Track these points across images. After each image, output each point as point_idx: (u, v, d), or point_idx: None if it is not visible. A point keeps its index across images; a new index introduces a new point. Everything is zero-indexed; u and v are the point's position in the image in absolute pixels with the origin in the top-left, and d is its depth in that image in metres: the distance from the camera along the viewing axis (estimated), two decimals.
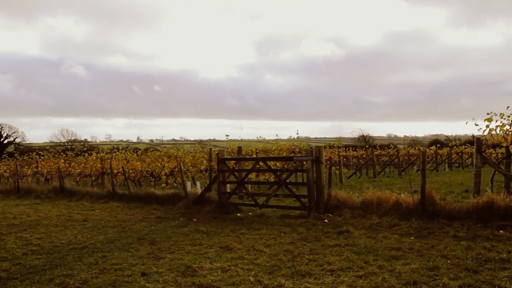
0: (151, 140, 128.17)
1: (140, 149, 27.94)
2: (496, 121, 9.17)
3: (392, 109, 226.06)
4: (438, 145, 35.67)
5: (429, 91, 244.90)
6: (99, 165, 19.46)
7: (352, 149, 36.42)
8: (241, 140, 19.27)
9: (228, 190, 11.28)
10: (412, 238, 6.80)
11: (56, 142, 71.49)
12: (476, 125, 9.32)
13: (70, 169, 20.83)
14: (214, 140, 20.18)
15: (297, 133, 17.84)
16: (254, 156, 16.39)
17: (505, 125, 9.11)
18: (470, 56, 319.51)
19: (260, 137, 19.12)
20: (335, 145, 22.92)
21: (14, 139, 67.30)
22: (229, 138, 18.08)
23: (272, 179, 14.48)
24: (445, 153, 32.84)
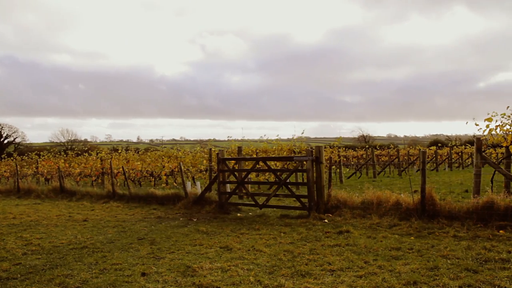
0: (151, 140, 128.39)
1: (140, 149, 27.95)
2: (496, 121, 9.18)
3: (365, 109, 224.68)
4: (440, 144, 35.68)
5: (396, 90, 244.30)
6: (99, 165, 19.45)
7: (351, 149, 36.44)
8: (242, 140, 19.27)
9: (228, 190, 11.28)
10: (412, 238, 6.80)
11: (56, 142, 71.55)
12: (476, 125, 9.33)
13: (70, 169, 20.82)
14: (215, 140, 20.18)
15: (302, 132, 17.83)
16: (254, 156, 16.40)
17: (505, 125, 9.11)
18: (424, 55, 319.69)
19: (262, 137, 19.13)
20: (335, 145, 22.90)
21: (14, 139, 67.36)
22: (230, 138, 18.12)
23: (272, 179, 14.49)
24: (445, 153, 32.86)
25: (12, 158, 28.18)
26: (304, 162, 9.71)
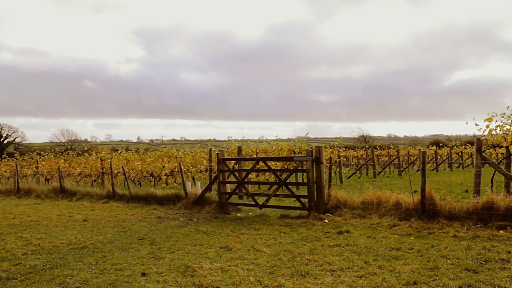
0: (151, 140, 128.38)
1: (140, 149, 27.94)
2: (496, 121, 9.18)
3: (341, 109, 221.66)
4: (440, 144, 35.69)
5: (365, 89, 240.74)
6: (99, 165, 19.44)
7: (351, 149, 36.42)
8: (242, 140, 19.28)
9: (228, 190, 11.28)
10: (412, 238, 6.80)
11: (56, 142, 71.60)
12: (476, 125, 9.32)
13: (70, 169, 20.82)
14: (215, 140, 20.18)
15: (307, 133, 17.80)
16: (254, 156, 16.41)
17: (505, 125, 9.11)
18: (375, 53, 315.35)
19: (262, 137, 19.14)
20: (335, 145, 22.91)
21: (14, 139, 67.39)
22: (231, 138, 18.12)
23: (272, 179, 14.49)
24: (445, 153, 32.87)
25: (13, 158, 28.18)
26: (304, 162, 9.71)
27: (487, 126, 9.19)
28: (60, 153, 25.66)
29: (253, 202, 10.36)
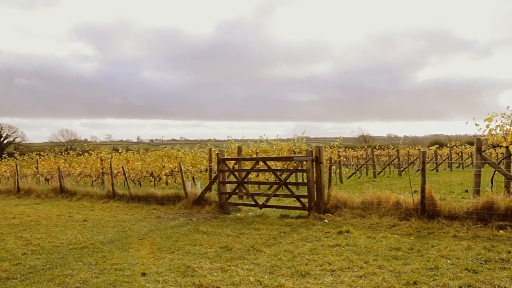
0: (151, 140, 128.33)
1: (140, 149, 27.92)
2: (496, 121, 9.18)
3: (318, 108, 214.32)
4: (439, 145, 35.72)
5: (337, 88, 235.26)
6: (99, 165, 19.44)
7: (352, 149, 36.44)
8: (242, 140, 19.28)
9: (228, 190, 11.28)
10: (412, 238, 6.80)
11: (56, 142, 71.60)
12: (476, 125, 9.32)
13: (70, 169, 20.81)
14: (215, 140, 20.15)
15: (303, 132, 17.80)
16: (254, 156, 16.40)
17: (505, 125, 9.11)
18: (333, 51, 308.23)
19: (262, 137, 19.13)
20: (335, 145, 22.91)
21: (14, 139, 67.40)
22: (230, 138, 18.11)
23: (272, 179, 14.49)
24: (445, 153, 32.87)
25: (13, 158, 28.17)
26: (304, 162, 9.71)
27: (487, 126, 9.19)
28: (60, 153, 25.65)
29: (253, 202, 10.36)
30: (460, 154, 32.51)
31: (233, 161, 13.72)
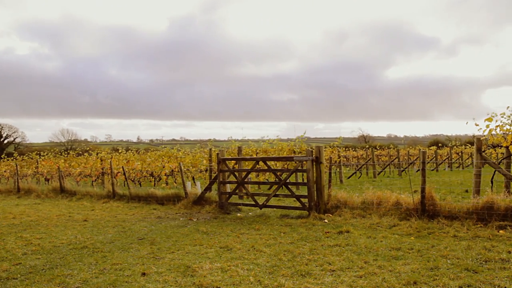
0: (151, 140, 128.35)
1: (140, 149, 27.92)
2: (496, 121, 9.19)
3: (300, 108, 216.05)
4: (440, 144, 35.73)
5: (316, 87, 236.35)
6: (99, 165, 19.44)
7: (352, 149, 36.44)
8: (242, 140, 19.28)
9: (228, 190, 11.28)
10: (412, 238, 6.80)
11: (56, 142, 71.64)
12: (476, 125, 9.33)
13: (70, 169, 20.82)
14: (215, 140, 20.17)
15: (304, 132, 17.78)
16: (254, 156, 16.40)
17: (505, 125, 9.12)
18: (296, 49, 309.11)
19: (262, 137, 19.14)
20: (336, 145, 22.93)
21: (14, 139, 67.41)
22: (231, 138, 18.11)
23: (272, 179, 14.49)
24: (445, 153, 32.88)
25: (12, 158, 28.17)
26: (304, 162, 9.71)
27: (487, 126, 9.20)
28: (60, 153, 25.65)
29: (253, 202, 10.36)
30: (460, 154, 32.52)
31: (233, 161, 13.73)
